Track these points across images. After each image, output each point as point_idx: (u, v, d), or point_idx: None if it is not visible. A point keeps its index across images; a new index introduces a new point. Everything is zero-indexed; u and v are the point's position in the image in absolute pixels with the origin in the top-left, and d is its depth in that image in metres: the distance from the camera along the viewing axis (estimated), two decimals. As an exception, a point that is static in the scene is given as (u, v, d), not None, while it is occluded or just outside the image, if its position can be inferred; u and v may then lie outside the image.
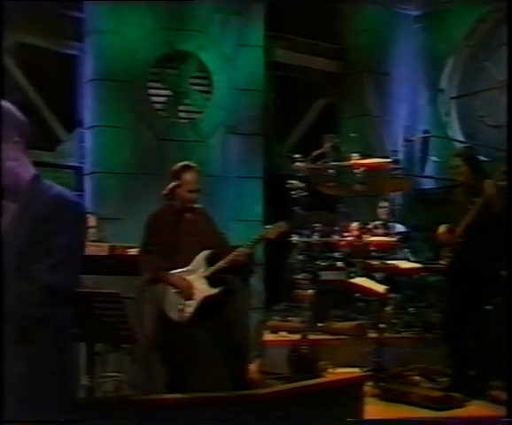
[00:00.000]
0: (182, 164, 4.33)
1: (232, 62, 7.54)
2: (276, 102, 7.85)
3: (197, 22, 7.43)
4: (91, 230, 5.84)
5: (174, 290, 4.12)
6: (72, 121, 7.32)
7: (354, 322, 5.86)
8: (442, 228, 5.05)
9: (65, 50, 7.27)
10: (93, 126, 7.22)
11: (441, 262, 5.03)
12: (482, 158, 7.54)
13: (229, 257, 4.22)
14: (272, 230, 4.39)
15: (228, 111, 7.49)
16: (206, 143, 7.41)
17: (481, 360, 4.79)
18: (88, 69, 7.27)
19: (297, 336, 5.31)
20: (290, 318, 6.13)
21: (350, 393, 3.80)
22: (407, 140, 6.60)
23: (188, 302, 4.09)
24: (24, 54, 7.04)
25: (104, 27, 7.20)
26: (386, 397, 4.64)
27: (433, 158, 7.04)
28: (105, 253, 4.95)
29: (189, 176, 4.27)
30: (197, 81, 7.53)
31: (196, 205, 4.34)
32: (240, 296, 4.65)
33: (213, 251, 4.28)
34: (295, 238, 5.65)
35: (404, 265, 5.64)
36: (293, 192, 5.65)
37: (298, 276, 5.63)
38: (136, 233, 4.39)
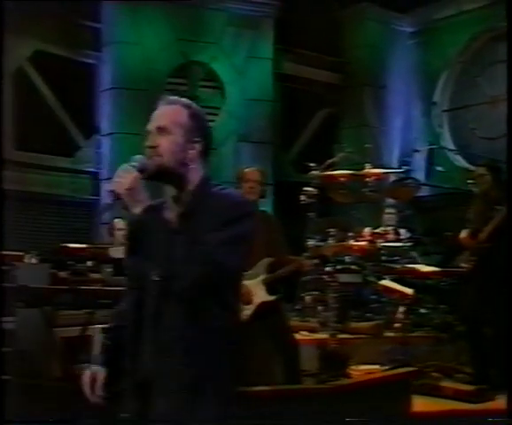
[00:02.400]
0: (245, 167, 4.34)
1: (243, 73, 7.70)
2: (283, 112, 8.03)
3: (210, 34, 7.55)
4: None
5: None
6: (90, 128, 7.33)
7: (372, 322, 5.97)
8: (464, 233, 5.31)
9: (83, 59, 7.28)
10: (110, 133, 7.26)
11: (463, 265, 5.30)
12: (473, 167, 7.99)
13: (289, 267, 4.25)
14: (328, 248, 4.44)
15: (240, 120, 7.64)
16: (219, 151, 7.53)
17: (502, 357, 5.07)
18: (106, 78, 7.31)
19: (318, 336, 5.41)
20: (308, 318, 6.20)
21: (399, 388, 4.01)
22: (415, 150, 6.88)
23: (246, 306, 4.10)
24: (44, 62, 7.03)
25: (121, 38, 7.26)
26: (419, 391, 4.86)
27: (438, 168, 7.34)
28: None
29: (247, 176, 4.22)
30: (211, 91, 7.67)
31: (261, 210, 4.30)
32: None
33: (273, 259, 4.24)
34: (310, 242, 5.82)
35: (424, 268, 5.88)
36: (306, 199, 5.84)
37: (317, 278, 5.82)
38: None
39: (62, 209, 7.06)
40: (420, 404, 4.58)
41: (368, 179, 6.33)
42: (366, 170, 6.29)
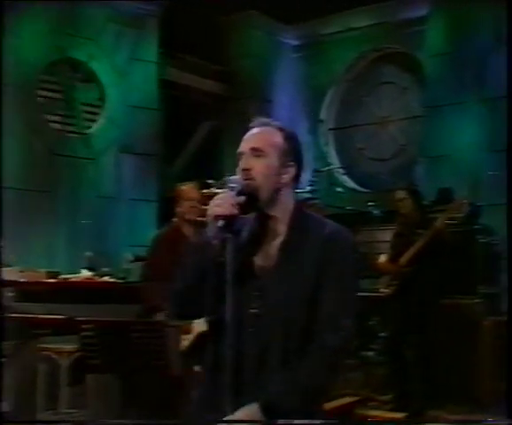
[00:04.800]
0: (182, 184, 4.47)
1: (125, 76, 7.45)
2: (167, 122, 7.88)
3: (89, 29, 7.21)
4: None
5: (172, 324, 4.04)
6: None
7: None
8: (383, 258, 5.59)
9: None
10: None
11: (383, 290, 5.56)
12: (362, 188, 8.45)
13: None
14: None
15: (122, 128, 7.37)
16: (98, 161, 7.20)
17: (423, 381, 5.39)
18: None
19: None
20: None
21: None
22: (317, 171, 7.08)
23: (184, 336, 4.04)
24: None
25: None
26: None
27: (338, 189, 7.63)
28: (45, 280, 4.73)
29: (187, 194, 4.38)
30: (90, 93, 7.30)
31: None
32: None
33: None
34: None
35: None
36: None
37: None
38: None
39: None
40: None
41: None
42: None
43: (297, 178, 2.13)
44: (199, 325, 4.05)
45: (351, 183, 8.47)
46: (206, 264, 2.03)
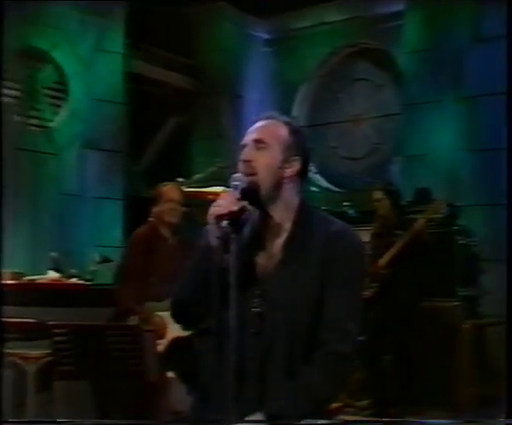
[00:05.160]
0: (162, 184, 4.44)
1: (89, 67, 7.27)
2: (133, 117, 7.76)
3: (52, 17, 7.04)
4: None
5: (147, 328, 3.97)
6: None
7: None
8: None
9: None
10: None
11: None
12: (335, 188, 8.46)
13: None
14: None
15: (86, 122, 7.19)
16: (61, 157, 7.00)
17: (401, 386, 5.40)
18: None
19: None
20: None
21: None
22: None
23: (160, 341, 3.99)
24: None
25: None
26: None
27: (313, 188, 7.59)
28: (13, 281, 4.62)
29: (167, 194, 4.36)
30: (52, 84, 7.13)
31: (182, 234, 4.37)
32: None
33: None
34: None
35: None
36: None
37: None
38: None
39: None
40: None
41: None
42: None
43: (302, 173, 2.11)
44: (174, 329, 4.04)
45: (324, 182, 8.46)
46: (209, 268, 1.99)
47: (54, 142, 7.03)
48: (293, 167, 2.09)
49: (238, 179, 2.03)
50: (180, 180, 5.86)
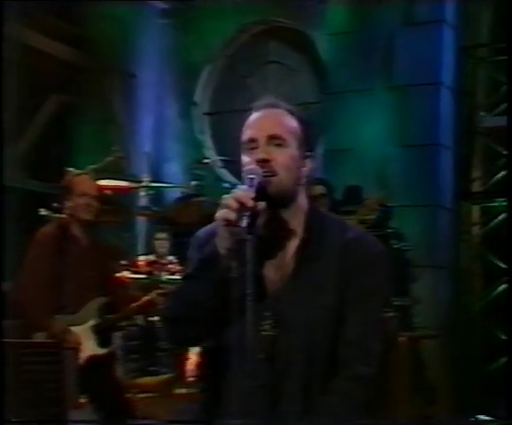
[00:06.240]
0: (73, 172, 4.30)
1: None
2: (9, 91, 7.11)
3: None
4: None
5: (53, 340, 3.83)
6: None
7: (159, 377, 5.88)
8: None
9: None
10: None
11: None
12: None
13: (127, 309, 4.26)
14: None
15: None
16: None
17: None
18: None
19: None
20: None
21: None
22: (199, 162, 6.71)
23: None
24: None
25: None
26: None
27: (225, 185, 7.23)
28: None
29: (80, 186, 4.19)
30: None
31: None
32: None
33: (107, 299, 4.15)
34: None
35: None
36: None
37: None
38: None
39: None
40: None
41: (143, 193, 6.43)
42: (144, 182, 6.30)
43: (312, 172, 2.08)
44: (89, 347, 4.03)
45: (232, 178, 8.15)
46: (215, 280, 1.93)
47: None
48: (307, 165, 2.05)
49: (254, 172, 1.95)
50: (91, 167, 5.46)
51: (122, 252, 6.24)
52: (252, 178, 1.93)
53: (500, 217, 7.03)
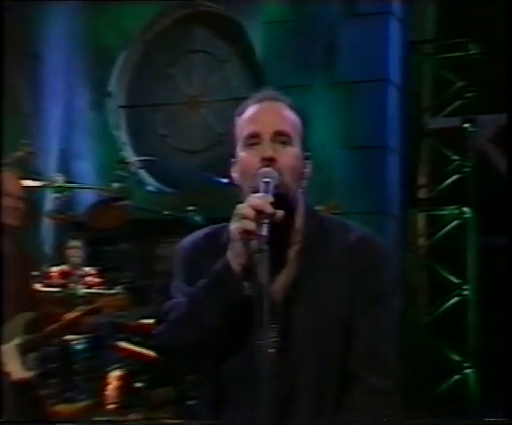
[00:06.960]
0: None
1: None
2: None
3: None
4: None
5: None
6: None
7: (76, 404, 5.69)
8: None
9: None
10: None
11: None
12: (166, 188, 7.87)
13: (52, 328, 4.06)
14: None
15: None
16: None
17: None
18: None
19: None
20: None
21: None
22: (121, 162, 6.41)
23: None
24: None
25: None
26: None
27: (149, 188, 6.92)
28: None
29: (6, 185, 3.91)
30: None
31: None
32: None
33: (36, 314, 3.99)
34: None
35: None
36: None
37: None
38: None
39: None
40: None
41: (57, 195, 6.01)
42: (58, 182, 5.98)
43: (311, 174, 2.04)
44: (15, 369, 3.86)
45: (151, 180, 7.77)
46: (225, 301, 1.89)
47: None
48: (308, 166, 2.01)
49: (270, 175, 1.86)
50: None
51: (36, 262, 5.92)
52: (267, 181, 1.85)
53: (450, 226, 7.00)
